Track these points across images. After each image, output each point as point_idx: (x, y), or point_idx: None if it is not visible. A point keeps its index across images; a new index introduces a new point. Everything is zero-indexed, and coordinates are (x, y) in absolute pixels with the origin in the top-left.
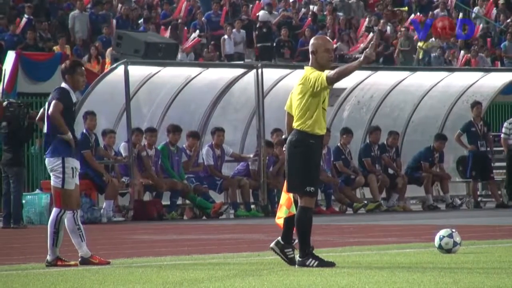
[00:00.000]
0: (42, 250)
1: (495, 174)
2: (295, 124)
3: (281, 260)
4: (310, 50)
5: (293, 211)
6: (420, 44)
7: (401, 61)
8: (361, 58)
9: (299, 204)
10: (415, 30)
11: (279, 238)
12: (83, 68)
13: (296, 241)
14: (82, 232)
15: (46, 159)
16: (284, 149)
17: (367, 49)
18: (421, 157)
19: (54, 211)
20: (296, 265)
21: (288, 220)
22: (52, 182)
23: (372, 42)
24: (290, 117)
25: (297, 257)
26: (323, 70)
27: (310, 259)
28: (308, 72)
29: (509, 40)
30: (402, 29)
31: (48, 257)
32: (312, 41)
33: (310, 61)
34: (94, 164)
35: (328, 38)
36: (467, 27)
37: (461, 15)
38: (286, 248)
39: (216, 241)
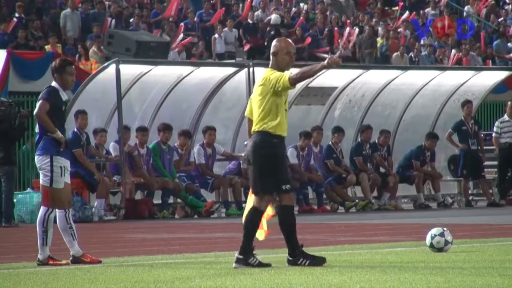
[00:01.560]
0: (33, 249)
1: (486, 173)
2: (256, 127)
3: (270, 258)
4: (271, 51)
5: (270, 213)
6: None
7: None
8: (325, 62)
9: (279, 203)
10: (415, 29)
11: (237, 254)
12: (73, 67)
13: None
14: (74, 231)
15: (36, 157)
16: (245, 155)
17: (334, 55)
18: (412, 156)
19: (42, 209)
20: (287, 264)
21: (246, 229)
22: (40, 181)
23: (342, 52)
24: (252, 122)
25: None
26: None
27: (301, 259)
28: (268, 73)
29: (501, 39)
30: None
31: (40, 256)
32: (274, 42)
33: (271, 62)
34: (85, 163)
35: (290, 41)
36: (467, 26)
37: (453, 15)
38: (248, 259)
39: (207, 240)
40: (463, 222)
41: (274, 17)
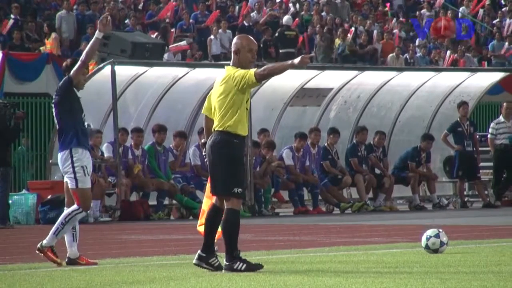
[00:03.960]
0: (29, 250)
1: (481, 174)
2: (216, 125)
3: (266, 260)
4: (232, 49)
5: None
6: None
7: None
8: (296, 61)
9: (226, 206)
10: (415, 30)
11: (199, 251)
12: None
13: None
14: (76, 232)
15: (58, 155)
16: (204, 153)
17: (305, 55)
18: (407, 157)
19: (74, 206)
20: (223, 270)
21: (207, 228)
22: (68, 185)
23: (311, 54)
24: (209, 120)
25: (223, 261)
26: None
27: (238, 263)
28: (232, 71)
29: (497, 39)
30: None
31: (44, 241)
32: (235, 40)
33: (232, 60)
34: None
35: (251, 38)
36: (467, 27)
37: (449, 14)
38: (209, 259)
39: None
40: (458, 223)
41: (286, 18)
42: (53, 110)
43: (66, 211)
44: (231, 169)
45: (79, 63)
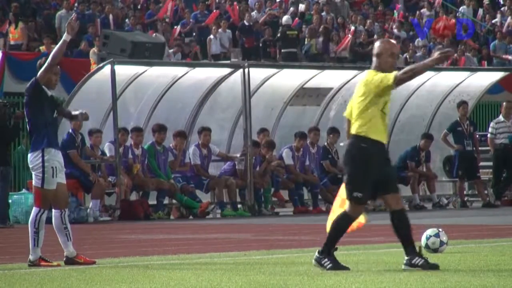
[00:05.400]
0: (29, 250)
1: (481, 174)
2: (351, 129)
3: (266, 259)
4: (374, 52)
5: (362, 221)
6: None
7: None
8: (435, 57)
9: (344, 208)
10: (415, 30)
11: (320, 249)
12: (58, 67)
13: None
14: (69, 231)
15: (28, 156)
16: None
17: (442, 50)
18: (407, 157)
19: (34, 210)
20: (313, 260)
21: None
22: (33, 182)
23: (449, 49)
24: (350, 123)
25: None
26: None
27: (326, 259)
28: (372, 74)
29: (499, 39)
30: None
31: (31, 257)
32: (377, 43)
33: (373, 64)
34: (80, 164)
35: (394, 42)
36: (467, 26)
37: (451, 15)
38: (322, 260)
39: (202, 241)
40: (458, 223)
41: (286, 18)
42: (25, 110)
43: (30, 220)
44: (353, 172)
45: (45, 65)
